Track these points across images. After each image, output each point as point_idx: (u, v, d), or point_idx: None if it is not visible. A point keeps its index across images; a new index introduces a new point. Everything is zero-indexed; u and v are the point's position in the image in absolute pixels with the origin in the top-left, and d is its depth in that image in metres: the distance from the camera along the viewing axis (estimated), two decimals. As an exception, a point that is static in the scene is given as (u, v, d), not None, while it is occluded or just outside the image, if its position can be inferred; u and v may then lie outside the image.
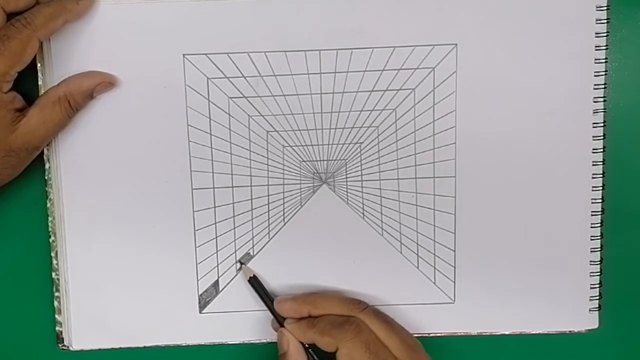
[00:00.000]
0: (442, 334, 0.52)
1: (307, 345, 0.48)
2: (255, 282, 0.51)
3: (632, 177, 0.52)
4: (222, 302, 0.52)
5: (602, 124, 0.50)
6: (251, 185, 0.51)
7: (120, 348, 0.52)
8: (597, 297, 0.52)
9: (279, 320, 0.50)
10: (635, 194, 0.53)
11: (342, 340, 0.46)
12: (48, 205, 0.50)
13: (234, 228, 0.51)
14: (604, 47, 0.49)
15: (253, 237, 0.51)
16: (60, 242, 0.51)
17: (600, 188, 0.51)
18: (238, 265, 0.51)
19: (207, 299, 0.52)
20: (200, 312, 0.52)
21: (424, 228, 0.51)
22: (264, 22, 0.49)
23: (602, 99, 0.50)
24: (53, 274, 0.51)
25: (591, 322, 0.52)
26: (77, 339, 0.51)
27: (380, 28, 0.49)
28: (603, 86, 0.50)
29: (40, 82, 0.48)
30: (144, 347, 0.52)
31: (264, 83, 0.50)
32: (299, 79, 0.50)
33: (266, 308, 0.50)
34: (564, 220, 0.51)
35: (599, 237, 0.51)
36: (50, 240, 0.51)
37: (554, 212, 0.51)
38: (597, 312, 0.52)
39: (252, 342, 0.52)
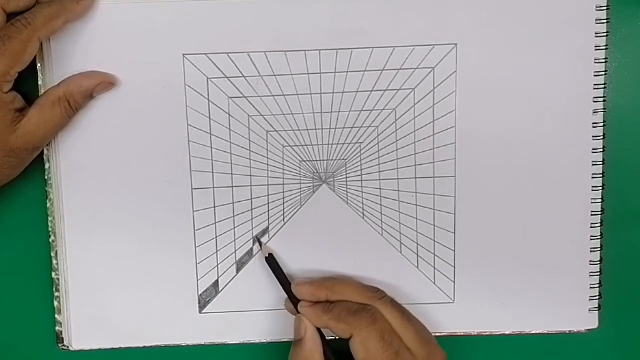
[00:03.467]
0: (442, 334, 0.52)
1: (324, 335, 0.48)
2: (272, 261, 0.50)
3: (632, 177, 0.52)
4: (222, 302, 0.52)
5: (602, 124, 0.50)
6: (251, 185, 0.51)
7: (120, 348, 0.52)
8: (597, 297, 0.52)
9: (294, 302, 0.49)
10: (635, 194, 0.53)
11: (357, 328, 0.46)
12: (48, 205, 0.50)
13: (234, 228, 0.51)
14: (604, 47, 0.49)
15: (253, 237, 0.51)
16: (60, 242, 0.50)
17: (600, 188, 0.51)
18: (256, 243, 0.51)
19: (207, 299, 0.52)
20: (200, 312, 0.52)
21: (424, 228, 0.51)
22: (264, 22, 0.49)
23: (602, 99, 0.50)
24: (53, 274, 0.51)
25: (591, 322, 0.52)
26: (77, 339, 0.51)
27: (380, 28, 0.49)
28: (603, 86, 0.50)
29: (40, 82, 0.48)
30: (144, 347, 0.52)
31: (264, 83, 0.50)
32: (299, 79, 0.50)
33: (281, 288, 0.50)
34: (564, 220, 0.51)
35: (599, 237, 0.51)
36: (50, 240, 0.51)
37: (554, 212, 0.51)
38: (597, 312, 0.52)
39: (252, 342, 0.52)
